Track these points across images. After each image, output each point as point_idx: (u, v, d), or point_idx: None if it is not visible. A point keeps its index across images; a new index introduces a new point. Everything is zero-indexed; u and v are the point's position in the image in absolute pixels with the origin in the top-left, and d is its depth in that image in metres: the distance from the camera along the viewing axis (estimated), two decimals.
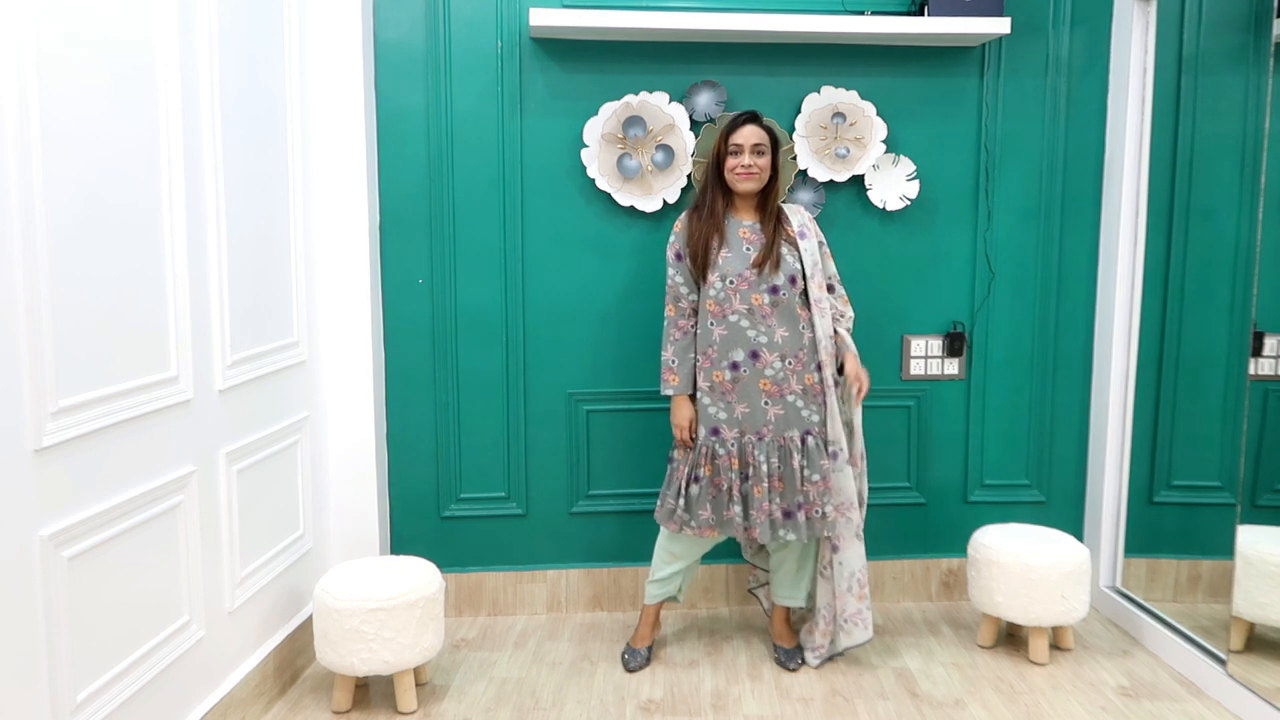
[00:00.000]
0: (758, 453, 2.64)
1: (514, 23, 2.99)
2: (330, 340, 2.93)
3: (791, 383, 2.66)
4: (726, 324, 2.66)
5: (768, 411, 2.65)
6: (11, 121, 1.61)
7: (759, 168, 2.64)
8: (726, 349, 2.66)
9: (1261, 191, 2.57)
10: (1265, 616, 2.62)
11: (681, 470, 2.69)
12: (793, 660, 2.82)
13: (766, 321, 2.65)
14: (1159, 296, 3.04)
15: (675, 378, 2.71)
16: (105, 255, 1.87)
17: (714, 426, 2.67)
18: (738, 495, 2.65)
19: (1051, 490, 3.31)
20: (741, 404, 2.65)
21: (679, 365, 2.71)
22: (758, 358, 2.65)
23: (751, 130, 2.65)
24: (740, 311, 2.65)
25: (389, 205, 3.03)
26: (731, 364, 2.66)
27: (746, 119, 2.67)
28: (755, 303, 2.64)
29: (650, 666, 2.84)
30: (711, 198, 2.70)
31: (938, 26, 2.89)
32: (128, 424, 1.95)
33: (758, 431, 2.65)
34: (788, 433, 2.66)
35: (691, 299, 2.73)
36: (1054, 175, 3.17)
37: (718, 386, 2.67)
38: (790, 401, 2.66)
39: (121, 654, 1.96)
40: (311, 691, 2.69)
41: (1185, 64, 2.94)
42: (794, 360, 2.66)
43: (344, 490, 2.99)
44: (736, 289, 2.65)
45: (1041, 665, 2.84)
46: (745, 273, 2.64)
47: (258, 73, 2.50)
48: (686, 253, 2.71)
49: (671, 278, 2.74)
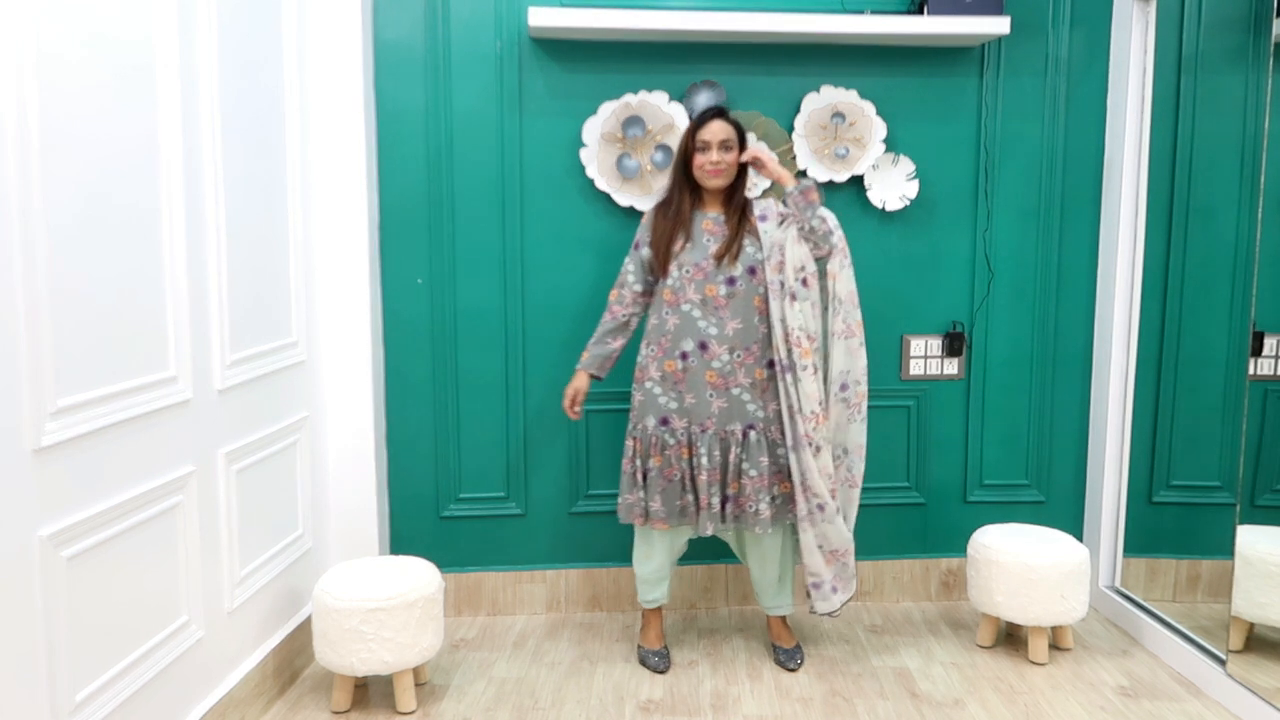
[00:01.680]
0: (700, 445, 2.66)
1: (513, 22, 2.99)
2: (329, 340, 2.93)
3: (739, 375, 2.66)
4: (679, 313, 2.67)
5: (712, 404, 2.66)
6: (11, 121, 1.61)
7: (727, 163, 2.64)
8: (678, 339, 2.67)
9: (1261, 191, 2.57)
10: (1265, 616, 2.62)
11: (629, 463, 2.72)
12: (793, 660, 2.82)
13: (719, 313, 2.65)
14: (1158, 296, 3.04)
15: (586, 354, 2.78)
16: (104, 255, 1.87)
17: (664, 416, 2.69)
18: (689, 485, 2.67)
19: (1051, 490, 3.31)
20: (690, 394, 2.67)
21: (594, 344, 2.77)
22: (706, 349, 2.65)
23: (719, 126, 2.63)
24: (693, 301, 2.66)
25: (388, 205, 3.02)
26: (682, 354, 2.67)
27: (714, 114, 2.65)
28: (709, 293, 2.65)
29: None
30: (679, 195, 2.70)
31: (937, 26, 2.89)
32: (127, 424, 1.95)
33: (702, 424, 2.67)
34: (729, 426, 2.66)
35: (635, 288, 2.75)
36: (1053, 175, 3.17)
37: (669, 376, 2.68)
38: (735, 395, 2.66)
39: (121, 654, 1.96)
40: (311, 691, 2.69)
41: (1185, 64, 2.94)
42: (744, 353, 2.66)
43: (343, 490, 2.99)
44: (692, 279, 2.65)
45: (1041, 665, 2.84)
46: (702, 263, 2.65)
47: (257, 73, 2.50)
48: (648, 244, 2.72)
49: (625, 264, 2.77)
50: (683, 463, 2.67)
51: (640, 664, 2.85)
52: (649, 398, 2.71)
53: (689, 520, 2.70)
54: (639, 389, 2.73)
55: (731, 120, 2.66)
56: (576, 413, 2.80)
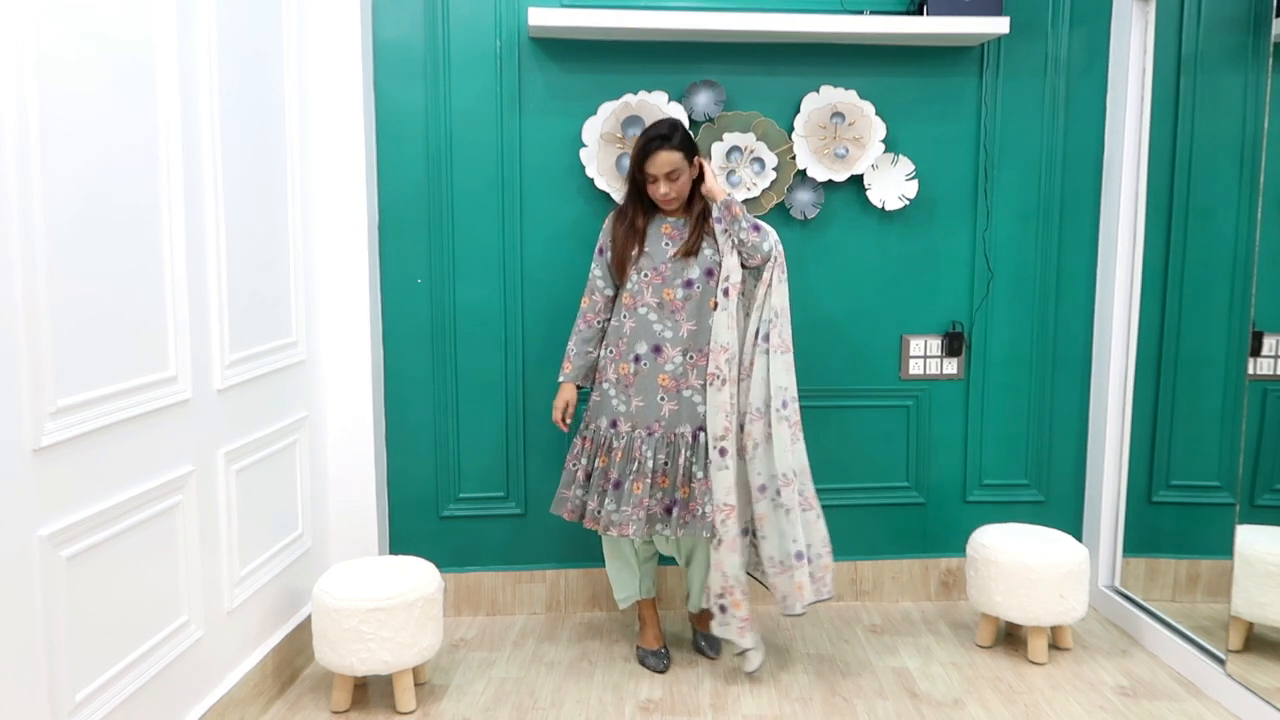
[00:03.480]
0: (645, 448, 2.65)
1: (513, 22, 2.99)
2: (329, 340, 2.93)
3: (690, 378, 2.66)
4: (636, 316, 2.68)
5: (662, 407, 2.67)
6: (10, 120, 1.61)
7: (675, 191, 2.63)
8: (633, 341, 2.68)
9: (1260, 191, 2.57)
10: (1264, 616, 2.62)
11: (573, 460, 2.74)
12: (714, 648, 2.89)
13: (675, 316, 2.66)
14: (1158, 296, 3.04)
15: (569, 365, 2.77)
16: (104, 254, 1.87)
17: (613, 419, 2.70)
18: (612, 490, 2.65)
19: (1050, 490, 3.31)
20: (638, 398, 2.67)
21: (575, 355, 2.77)
22: (660, 352, 2.66)
23: (663, 160, 2.58)
24: (650, 305, 2.67)
25: (388, 204, 3.03)
26: (635, 356, 2.68)
27: (657, 145, 2.58)
28: (667, 296, 2.66)
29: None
30: (632, 213, 2.70)
31: (937, 26, 2.89)
32: (126, 424, 1.95)
33: (648, 427, 2.67)
34: (679, 428, 2.67)
35: (607, 293, 2.76)
36: (1053, 175, 3.17)
37: (622, 379, 2.69)
38: (686, 397, 2.66)
39: (120, 654, 1.96)
40: (310, 691, 2.69)
41: (1184, 64, 2.94)
42: (697, 355, 2.67)
43: (343, 490, 2.99)
44: (650, 282, 2.67)
45: (1040, 665, 2.84)
46: (660, 266, 2.66)
47: (257, 72, 2.50)
48: (610, 252, 2.73)
49: (591, 270, 2.78)
50: (620, 467, 2.66)
51: (640, 664, 2.85)
52: (604, 399, 2.72)
53: (591, 523, 2.68)
54: (597, 389, 2.75)
55: (676, 143, 2.58)
56: (568, 425, 2.81)
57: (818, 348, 3.16)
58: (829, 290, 3.16)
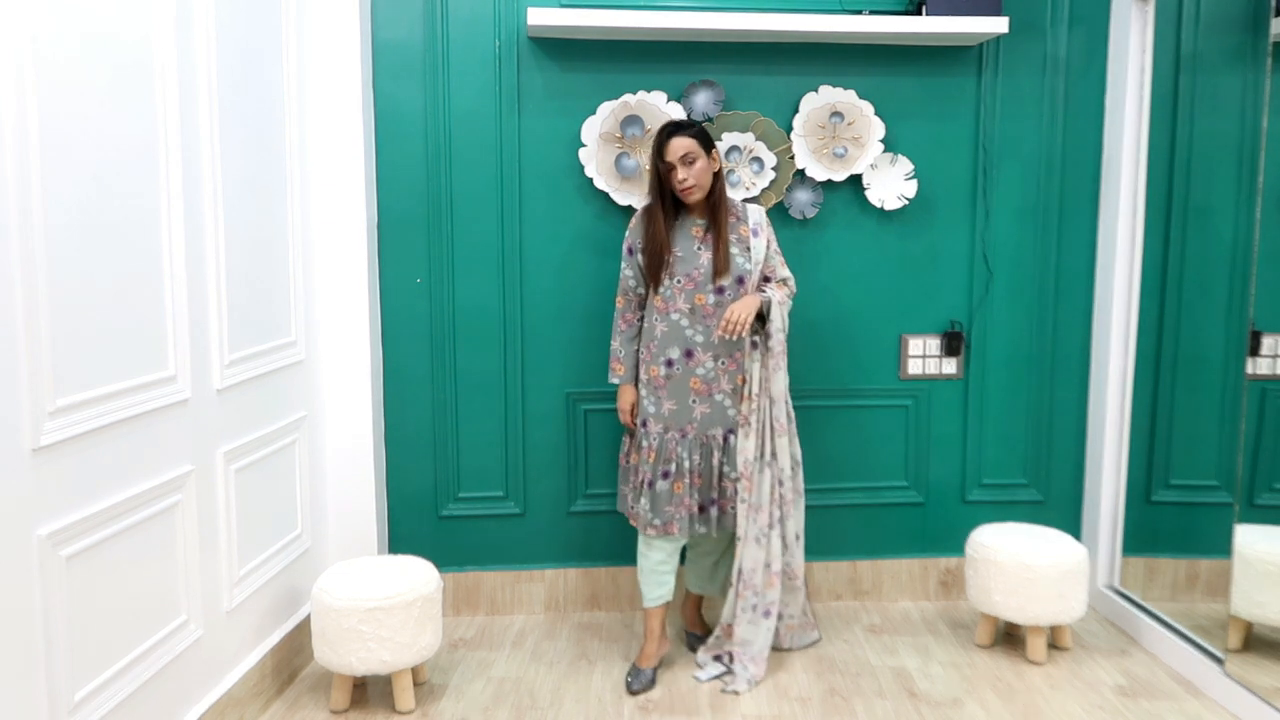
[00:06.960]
0: (680, 449, 2.67)
1: (512, 22, 2.99)
2: (328, 339, 2.93)
3: (721, 382, 2.68)
4: (668, 321, 2.68)
5: (694, 410, 2.68)
6: (9, 120, 1.61)
7: (694, 177, 2.61)
8: (665, 345, 2.69)
9: (1259, 191, 2.58)
10: (1263, 616, 2.62)
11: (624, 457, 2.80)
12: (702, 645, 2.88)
13: (706, 321, 2.66)
14: (1157, 296, 3.04)
15: (621, 367, 2.78)
16: (103, 254, 1.87)
17: (643, 419, 2.73)
18: (646, 489, 2.68)
19: (1049, 489, 3.32)
20: (670, 401, 2.68)
21: (624, 356, 2.78)
22: (691, 356, 2.67)
23: (677, 144, 2.59)
24: (682, 310, 2.67)
25: (387, 204, 3.02)
26: (667, 360, 2.68)
27: (670, 132, 2.61)
28: (699, 302, 2.66)
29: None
30: (659, 212, 2.67)
31: (935, 26, 2.89)
32: (126, 423, 1.95)
33: (681, 429, 2.68)
34: (711, 430, 2.69)
35: (639, 291, 2.76)
36: (1052, 175, 3.18)
37: (652, 381, 2.70)
38: (718, 400, 2.68)
39: (119, 653, 1.96)
40: (309, 691, 2.69)
41: (1183, 63, 2.94)
42: (728, 360, 2.68)
43: (342, 489, 2.99)
44: (683, 288, 2.67)
45: (1039, 664, 2.84)
46: (693, 272, 2.66)
47: (256, 72, 2.50)
48: (640, 251, 2.72)
49: (623, 270, 2.77)
50: (646, 466, 2.68)
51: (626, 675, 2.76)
52: (637, 400, 2.76)
53: (673, 522, 2.67)
54: (640, 387, 2.76)
55: (690, 131, 2.61)
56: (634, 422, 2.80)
57: (817, 348, 3.17)
58: (828, 290, 3.17)
